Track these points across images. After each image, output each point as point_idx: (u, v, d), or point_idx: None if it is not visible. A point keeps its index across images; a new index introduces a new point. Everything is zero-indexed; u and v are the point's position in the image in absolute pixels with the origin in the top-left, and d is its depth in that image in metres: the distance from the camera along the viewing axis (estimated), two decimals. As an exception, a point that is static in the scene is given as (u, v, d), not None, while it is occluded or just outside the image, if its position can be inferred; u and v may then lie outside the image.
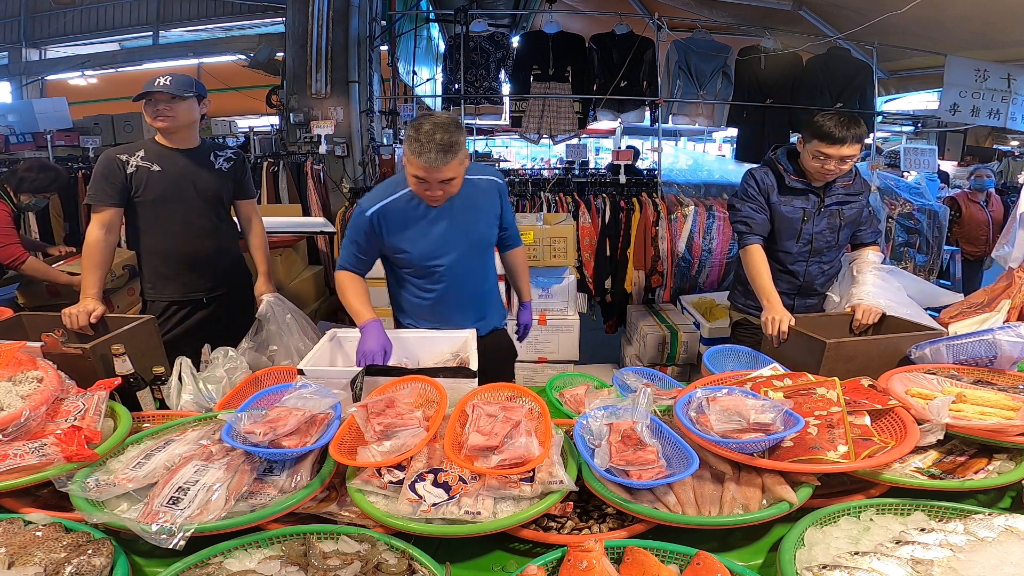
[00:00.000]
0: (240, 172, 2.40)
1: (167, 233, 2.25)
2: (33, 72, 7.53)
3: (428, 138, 1.62)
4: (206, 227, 2.30)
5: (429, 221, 1.87)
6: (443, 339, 1.87)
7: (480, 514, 1.08)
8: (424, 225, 1.87)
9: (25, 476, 1.13)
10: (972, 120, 4.64)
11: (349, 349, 1.82)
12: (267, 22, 7.31)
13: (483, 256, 2.00)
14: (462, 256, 1.92)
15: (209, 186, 2.28)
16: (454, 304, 1.97)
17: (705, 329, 3.45)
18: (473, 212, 1.91)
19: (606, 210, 3.94)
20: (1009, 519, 1.02)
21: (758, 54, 4.78)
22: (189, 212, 2.26)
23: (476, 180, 1.92)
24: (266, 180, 4.30)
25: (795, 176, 2.19)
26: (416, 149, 1.63)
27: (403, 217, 1.86)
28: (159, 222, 2.24)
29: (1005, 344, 1.51)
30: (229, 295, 2.40)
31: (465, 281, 1.96)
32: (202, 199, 2.27)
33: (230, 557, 1.02)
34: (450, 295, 1.95)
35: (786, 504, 1.10)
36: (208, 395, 1.66)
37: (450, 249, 1.90)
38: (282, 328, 2.17)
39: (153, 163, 2.19)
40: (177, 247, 2.27)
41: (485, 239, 1.98)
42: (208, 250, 2.32)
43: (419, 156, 1.63)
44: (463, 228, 1.90)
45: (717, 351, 1.90)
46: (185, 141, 2.25)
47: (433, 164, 1.64)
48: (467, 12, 4.73)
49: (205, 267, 2.32)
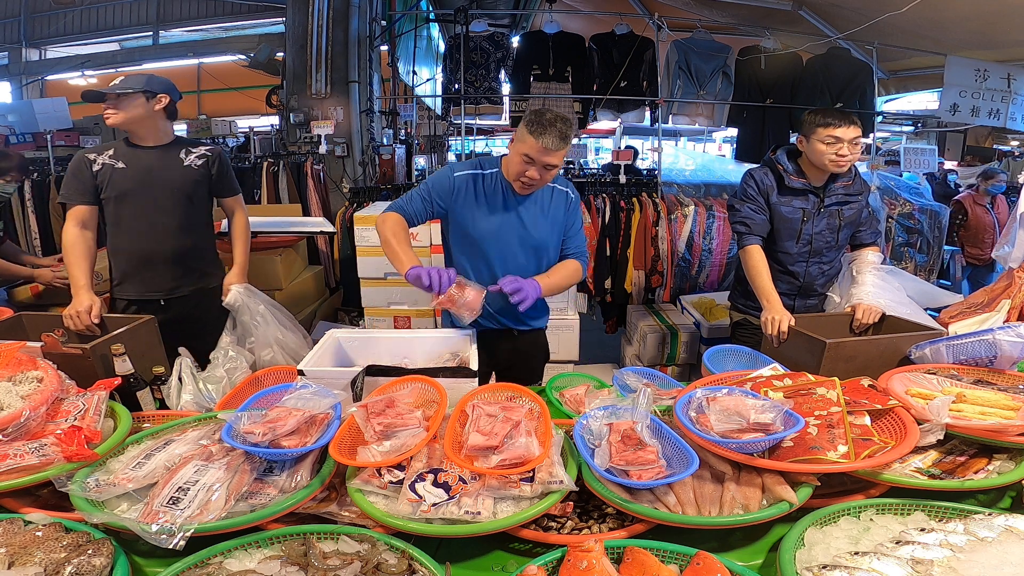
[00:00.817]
0: (217, 169, 2.37)
1: (129, 230, 2.25)
2: (33, 72, 7.53)
3: (551, 124, 1.78)
4: (171, 225, 2.27)
5: (499, 206, 1.94)
6: (443, 339, 1.87)
7: (480, 514, 1.08)
8: (494, 207, 1.94)
9: (25, 476, 1.13)
10: (972, 120, 4.64)
11: (349, 349, 1.82)
12: (267, 22, 7.32)
13: (536, 257, 2.00)
14: (515, 250, 1.96)
15: (176, 183, 2.27)
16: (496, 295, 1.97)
17: (705, 329, 3.46)
18: (541, 214, 1.98)
19: (606, 210, 3.95)
20: (1009, 519, 1.02)
21: (758, 54, 4.79)
22: (153, 210, 2.24)
23: (552, 187, 2.01)
24: (266, 180, 4.30)
25: (795, 176, 2.19)
26: (538, 131, 1.77)
27: (482, 192, 1.94)
28: (122, 219, 2.24)
29: (1005, 344, 1.51)
30: (196, 296, 2.37)
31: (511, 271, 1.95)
32: (168, 197, 2.25)
33: (230, 557, 1.01)
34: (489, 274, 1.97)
35: (786, 504, 1.10)
36: (208, 395, 1.67)
37: (506, 238, 1.94)
38: (256, 318, 2.15)
39: (119, 160, 2.21)
40: (140, 245, 2.26)
41: (543, 242, 1.99)
42: (172, 248, 2.28)
43: (539, 137, 1.77)
44: (526, 224, 1.95)
45: (717, 351, 1.90)
46: (150, 138, 2.25)
47: (549, 147, 1.78)
48: (467, 12, 4.74)
49: (169, 266, 2.29)
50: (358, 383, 1.50)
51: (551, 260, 2.04)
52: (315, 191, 4.36)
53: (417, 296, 3.27)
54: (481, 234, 1.95)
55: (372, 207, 3.59)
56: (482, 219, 1.94)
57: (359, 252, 3.32)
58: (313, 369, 1.56)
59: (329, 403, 1.33)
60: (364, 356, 1.80)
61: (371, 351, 1.81)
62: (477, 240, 1.96)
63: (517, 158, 1.83)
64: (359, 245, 3.30)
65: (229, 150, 5.54)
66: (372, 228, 3.23)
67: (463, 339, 1.84)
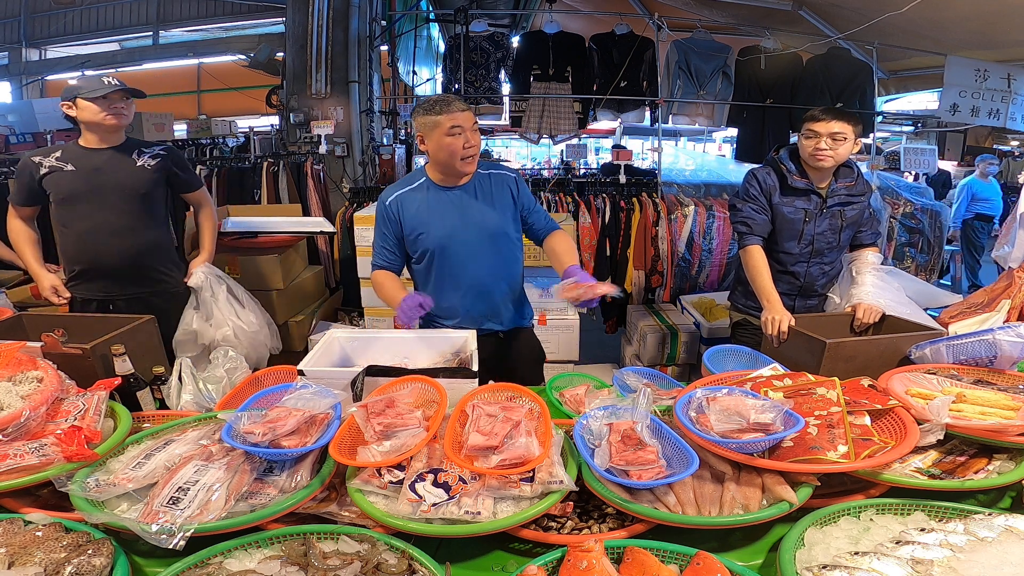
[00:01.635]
0: (173, 168, 2.38)
1: (78, 233, 2.26)
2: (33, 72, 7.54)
3: (443, 98, 1.86)
4: (121, 226, 2.27)
5: (444, 205, 1.94)
6: (443, 339, 1.87)
7: (480, 514, 1.08)
8: (439, 209, 1.94)
9: (25, 476, 1.13)
10: (972, 120, 4.63)
11: (350, 349, 1.83)
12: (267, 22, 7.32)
13: (496, 246, 1.99)
14: (477, 247, 1.95)
15: (127, 184, 2.26)
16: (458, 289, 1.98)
17: (705, 329, 3.45)
18: (487, 201, 1.97)
19: (606, 210, 3.95)
20: (1009, 519, 1.02)
21: (758, 54, 4.79)
22: (103, 211, 2.25)
23: (487, 174, 2.00)
24: (266, 180, 4.30)
25: (798, 176, 2.19)
26: (441, 108, 1.82)
27: (420, 203, 1.96)
28: (71, 222, 2.26)
29: (1005, 344, 1.51)
30: (155, 298, 2.36)
31: (475, 268, 1.97)
32: (119, 198, 2.26)
33: (230, 557, 1.01)
34: (453, 279, 1.97)
35: (786, 504, 1.10)
36: (208, 395, 1.67)
37: (462, 232, 1.94)
38: (217, 297, 2.17)
39: (67, 163, 2.22)
40: (88, 247, 2.26)
41: (500, 229, 1.98)
42: (122, 250, 2.28)
43: (447, 110, 1.82)
44: (477, 215, 1.95)
45: (717, 351, 1.89)
46: (109, 140, 2.26)
47: (462, 109, 1.83)
48: (467, 12, 4.73)
49: (119, 268, 2.29)
50: (358, 383, 1.50)
51: (513, 248, 2.03)
52: (315, 191, 4.35)
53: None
54: (439, 242, 1.94)
55: (372, 207, 3.59)
56: (435, 227, 1.94)
57: (359, 252, 3.32)
58: (313, 369, 1.56)
59: (329, 403, 1.33)
60: (364, 356, 1.80)
61: (371, 351, 1.81)
62: (437, 251, 1.95)
63: (447, 139, 1.83)
64: (359, 245, 3.30)
65: (229, 150, 5.54)
66: (372, 228, 3.25)
67: (464, 339, 1.84)
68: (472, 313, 2.01)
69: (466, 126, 1.84)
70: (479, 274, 1.98)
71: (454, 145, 1.83)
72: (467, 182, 1.97)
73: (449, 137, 1.83)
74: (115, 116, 2.20)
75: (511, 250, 2.03)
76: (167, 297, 2.39)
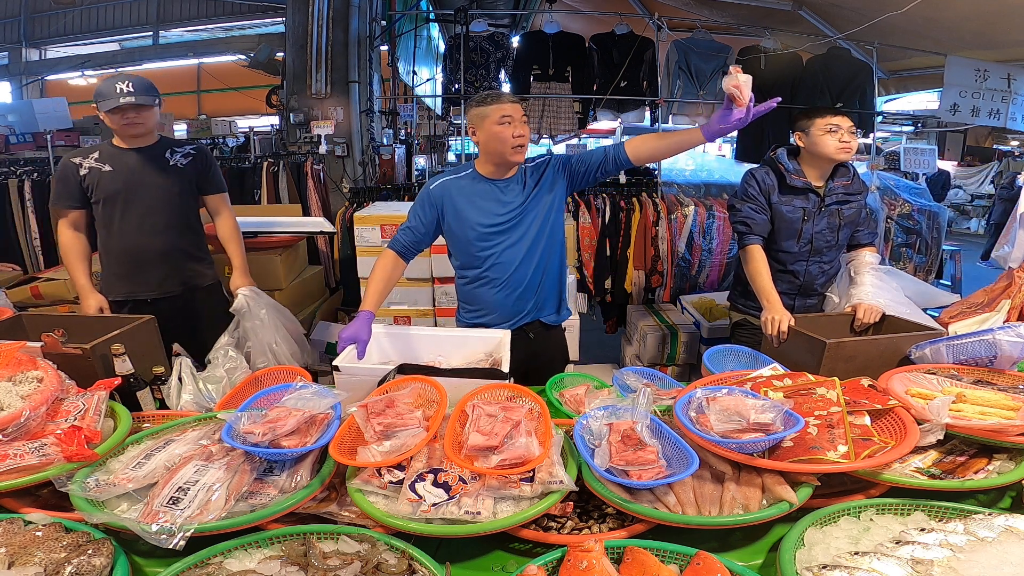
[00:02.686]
0: (203, 167, 2.39)
1: (120, 231, 2.28)
2: (33, 72, 7.53)
3: (493, 92, 1.94)
4: (160, 224, 2.29)
5: (490, 196, 1.95)
6: (477, 339, 1.86)
7: (480, 514, 1.08)
8: (484, 200, 1.95)
9: (25, 476, 1.13)
10: (972, 120, 4.63)
11: (386, 345, 1.85)
12: (267, 22, 7.32)
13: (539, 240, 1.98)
14: (518, 235, 1.95)
15: (162, 183, 2.28)
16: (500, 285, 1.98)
17: (705, 329, 3.45)
18: (535, 191, 1.97)
19: (606, 210, 3.94)
20: (1009, 519, 1.02)
21: (758, 54, 4.79)
22: (140, 210, 2.27)
23: (532, 166, 2.00)
24: (266, 180, 4.30)
25: (796, 175, 2.19)
26: (492, 99, 1.88)
27: (466, 192, 1.96)
28: (111, 221, 2.28)
29: (1005, 344, 1.51)
30: (187, 295, 2.39)
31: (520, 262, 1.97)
32: (154, 197, 2.28)
33: (230, 557, 1.01)
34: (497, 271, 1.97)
35: (786, 504, 1.10)
36: (208, 395, 1.67)
37: (506, 224, 1.94)
38: (255, 324, 2.16)
39: (105, 163, 2.23)
40: (130, 244, 2.28)
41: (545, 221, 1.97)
42: (161, 247, 2.30)
43: (497, 101, 1.87)
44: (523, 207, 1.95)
45: (717, 351, 1.89)
46: (138, 142, 2.27)
47: (512, 101, 1.88)
48: (467, 12, 4.73)
49: (158, 265, 2.31)
50: (388, 381, 1.50)
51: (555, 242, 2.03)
52: (315, 191, 4.35)
53: (416, 297, 3.27)
54: (479, 233, 1.94)
55: (372, 207, 3.59)
56: (478, 217, 1.94)
57: (359, 252, 3.32)
58: (347, 365, 1.59)
59: (329, 403, 1.33)
60: (400, 353, 1.83)
61: (407, 348, 1.84)
62: (476, 241, 1.95)
63: (497, 128, 1.86)
64: (359, 245, 3.30)
65: (229, 150, 5.54)
66: (372, 228, 3.25)
67: (498, 340, 1.83)
68: (514, 308, 2.01)
69: (515, 116, 1.87)
70: (523, 268, 1.98)
71: (503, 133, 1.86)
72: (514, 174, 1.97)
73: (499, 126, 1.86)
74: (129, 126, 2.20)
75: (554, 243, 2.03)
76: (203, 294, 2.42)
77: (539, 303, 2.06)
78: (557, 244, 2.05)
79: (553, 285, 2.09)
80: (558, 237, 2.05)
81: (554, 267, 2.06)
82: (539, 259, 2.00)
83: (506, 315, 2.01)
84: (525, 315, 2.04)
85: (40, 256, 4.19)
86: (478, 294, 2.03)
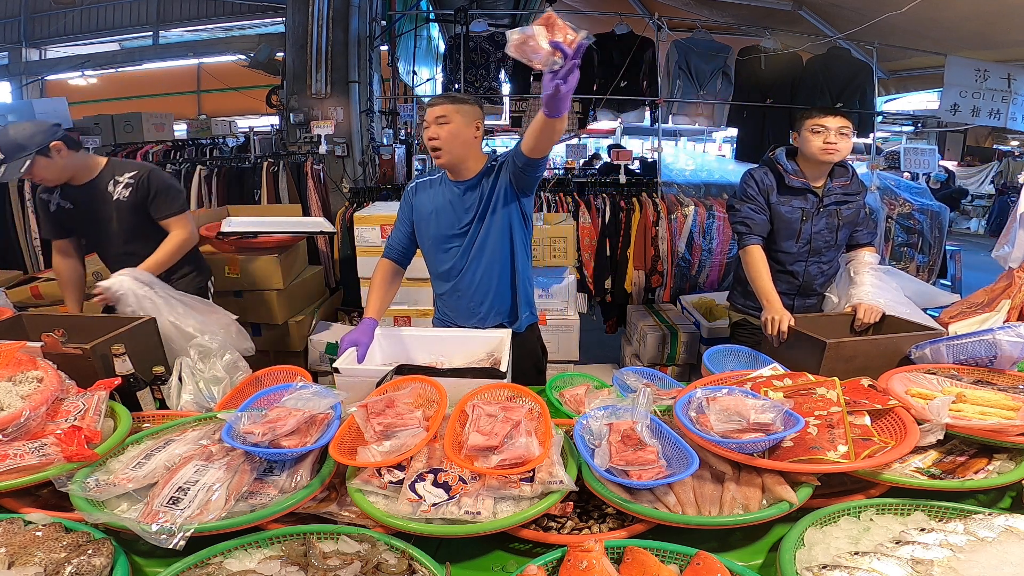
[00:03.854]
0: (145, 195, 2.24)
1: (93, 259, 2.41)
2: (33, 72, 7.52)
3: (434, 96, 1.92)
4: (119, 255, 2.29)
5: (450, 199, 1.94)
6: (477, 339, 1.87)
7: (480, 514, 1.08)
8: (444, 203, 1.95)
9: (25, 476, 1.13)
10: (972, 120, 4.63)
11: (387, 346, 1.86)
12: (267, 22, 7.30)
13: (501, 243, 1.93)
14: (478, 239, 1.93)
15: (108, 218, 2.26)
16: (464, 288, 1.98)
17: (705, 329, 3.45)
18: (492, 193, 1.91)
19: (606, 210, 3.94)
20: (1009, 519, 1.02)
21: (758, 54, 4.79)
22: (100, 243, 2.33)
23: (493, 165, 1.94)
24: (266, 180, 4.30)
25: (795, 176, 2.19)
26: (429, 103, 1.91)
27: (431, 195, 1.97)
28: (86, 249, 2.39)
29: (1005, 344, 1.51)
30: None
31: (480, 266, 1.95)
32: (106, 231, 2.28)
33: (230, 557, 1.01)
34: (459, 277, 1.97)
35: (786, 504, 1.10)
36: (208, 395, 1.67)
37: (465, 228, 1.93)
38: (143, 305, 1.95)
39: (67, 201, 2.25)
40: (104, 271, 2.35)
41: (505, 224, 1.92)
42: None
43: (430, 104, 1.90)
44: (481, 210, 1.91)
45: (717, 351, 1.89)
46: (79, 178, 2.21)
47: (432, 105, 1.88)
48: (467, 12, 4.74)
49: None
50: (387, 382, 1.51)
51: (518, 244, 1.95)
52: (315, 191, 4.35)
53: (416, 297, 3.27)
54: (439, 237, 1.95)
55: (372, 207, 3.59)
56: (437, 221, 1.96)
57: (359, 252, 3.32)
58: (347, 367, 1.61)
59: (329, 403, 1.33)
60: (401, 354, 1.83)
61: (408, 349, 1.85)
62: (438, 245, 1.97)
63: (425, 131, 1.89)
64: (359, 245, 3.30)
65: (229, 150, 5.53)
66: (372, 228, 3.25)
67: (499, 340, 1.83)
68: (471, 312, 1.99)
69: (429, 119, 1.87)
70: (475, 273, 1.95)
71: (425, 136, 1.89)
72: (472, 177, 1.91)
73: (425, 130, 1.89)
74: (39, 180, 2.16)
75: (514, 247, 1.95)
76: None
77: (500, 309, 2.00)
78: (507, 248, 1.95)
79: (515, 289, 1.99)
80: (508, 241, 1.94)
81: (509, 272, 1.97)
82: (491, 264, 1.94)
83: (466, 320, 2.00)
84: (485, 320, 1.99)
85: (40, 256, 4.19)
86: (439, 298, 2.06)
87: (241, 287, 3.20)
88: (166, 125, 6.15)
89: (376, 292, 1.94)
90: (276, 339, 3.36)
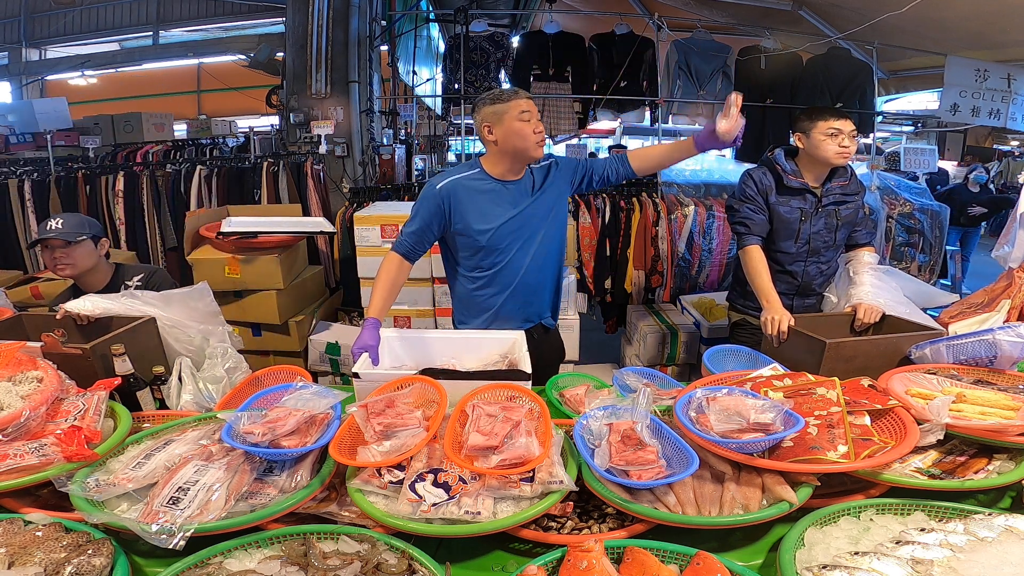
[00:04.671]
0: None
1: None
2: (33, 72, 7.53)
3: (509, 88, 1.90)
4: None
5: (501, 200, 1.92)
6: (491, 340, 1.83)
7: (480, 514, 1.08)
8: (495, 203, 1.92)
9: (25, 476, 1.13)
10: (972, 120, 4.63)
11: (399, 349, 1.83)
12: (267, 22, 7.31)
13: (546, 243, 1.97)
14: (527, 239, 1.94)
15: None
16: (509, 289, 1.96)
17: (705, 329, 3.45)
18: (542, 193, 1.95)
19: (606, 210, 3.94)
20: (1009, 519, 1.02)
21: (758, 54, 4.79)
22: None
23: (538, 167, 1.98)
24: (266, 180, 4.30)
25: (793, 176, 2.19)
26: (511, 94, 1.85)
27: (475, 194, 1.92)
28: None
29: (1005, 344, 1.51)
30: None
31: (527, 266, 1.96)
32: None
33: (230, 557, 1.02)
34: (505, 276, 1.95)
35: (786, 504, 1.10)
36: (208, 395, 1.67)
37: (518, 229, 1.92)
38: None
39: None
40: None
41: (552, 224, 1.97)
42: None
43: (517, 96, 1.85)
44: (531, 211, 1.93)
45: (717, 351, 1.89)
46: (91, 285, 2.16)
47: (527, 97, 1.86)
48: (467, 12, 4.74)
49: None
50: None
51: (560, 246, 2.03)
52: (315, 191, 4.35)
53: (416, 297, 3.27)
54: (492, 238, 1.90)
55: (372, 207, 3.59)
56: (489, 221, 1.90)
57: (359, 252, 3.32)
58: (368, 372, 1.56)
59: (329, 403, 1.33)
60: (413, 356, 1.81)
61: (421, 351, 1.82)
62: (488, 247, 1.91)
63: (518, 125, 1.83)
64: (359, 245, 3.30)
65: (229, 150, 5.53)
66: (372, 228, 3.25)
67: (512, 341, 1.80)
68: (520, 312, 2.00)
69: (533, 112, 1.86)
70: (531, 272, 1.96)
71: (524, 129, 1.83)
72: (523, 176, 1.94)
73: (519, 122, 1.83)
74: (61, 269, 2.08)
75: (557, 247, 2.03)
76: None
77: (542, 307, 2.06)
78: (559, 247, 2.04)
79: (556, 288, 2.10)
80: (560, 240, 2.04)
81: (556, 270, 2.07)
82: (544, 262, 1.98)
83: (513, 320, 1.99)
84: (529, 319, 2.03)
85: (40, 256, 4.19)
86: (483, 298, 1.99)
87: (241, 287, 3.20)
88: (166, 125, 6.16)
89: (382, 290, 1.88)
90: (276, 339, 3.36)
